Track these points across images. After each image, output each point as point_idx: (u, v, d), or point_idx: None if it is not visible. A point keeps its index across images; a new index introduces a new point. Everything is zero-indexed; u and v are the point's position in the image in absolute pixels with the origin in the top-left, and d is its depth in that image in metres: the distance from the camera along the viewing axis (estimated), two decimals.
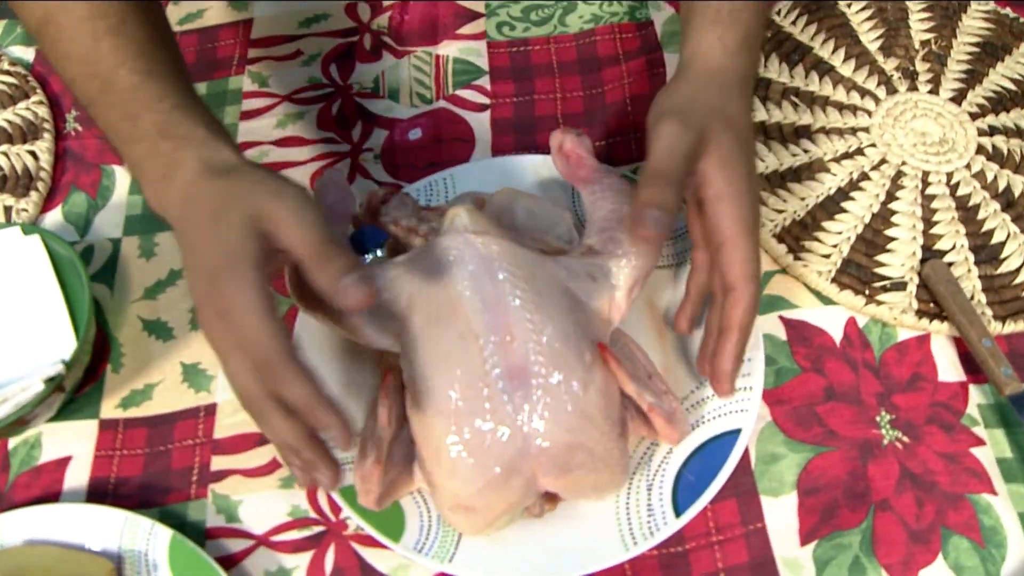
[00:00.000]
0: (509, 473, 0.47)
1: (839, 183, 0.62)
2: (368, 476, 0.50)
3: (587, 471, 0.48)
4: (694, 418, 0.54)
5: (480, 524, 0.49)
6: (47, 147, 0.69)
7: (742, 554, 0.52)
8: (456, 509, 0.49)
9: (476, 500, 0.48)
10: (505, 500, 0.48)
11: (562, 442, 0.47)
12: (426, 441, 0.48)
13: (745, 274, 0.49)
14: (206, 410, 0.59)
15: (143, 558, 0.53)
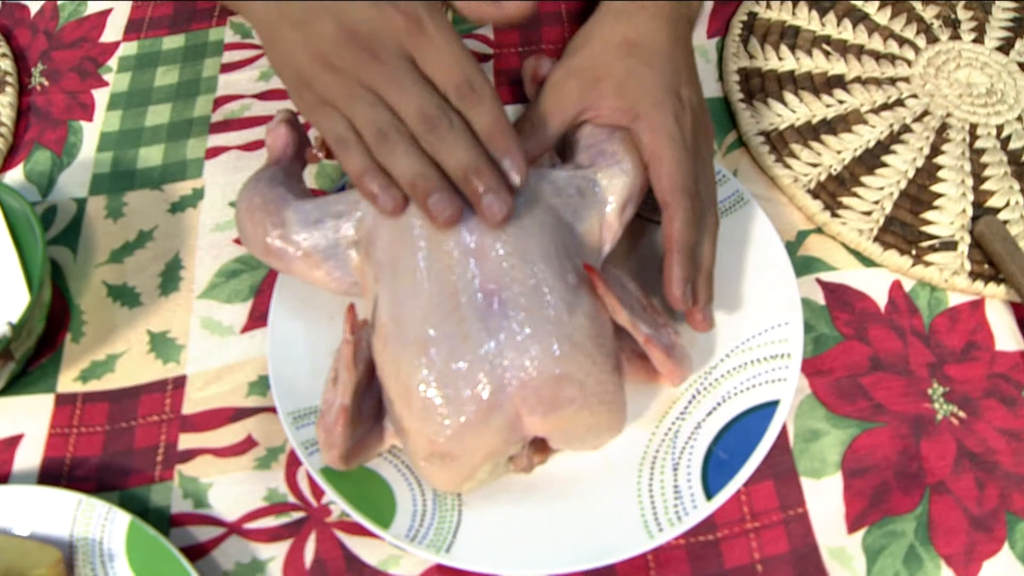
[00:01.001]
0: (488, 411, 0.40)
1: (878, 136, 0.55)
2: (331, 428, 0.42)
3: (578, 408, 0.41)
4: (725, 390, 0.47)
5: (459, 475, 0.42)
6: (9, 102, 0.62)
7: (782, 543, 0.45)
8: (431, 458, 0.41)
9: (452, 445, 0.40)
10: (485, 444, 0.41)
11: (547, 372, 0.40)
12: (394, 380, 0.41)
13: (673, 187, 0.44)
14: (174, 383, 0.52)
15: (97, 547, 0.46)
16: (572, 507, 0.45)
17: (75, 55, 0.66)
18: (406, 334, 0.41)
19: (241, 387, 0.51)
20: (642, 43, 0.47)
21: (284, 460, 0.49)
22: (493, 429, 0.40)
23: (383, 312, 0.42)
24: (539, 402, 0.40)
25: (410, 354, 0.41)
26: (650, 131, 0.45)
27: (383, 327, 0.42)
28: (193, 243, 0.56)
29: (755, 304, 0.49)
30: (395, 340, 0.41)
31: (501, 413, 0.40)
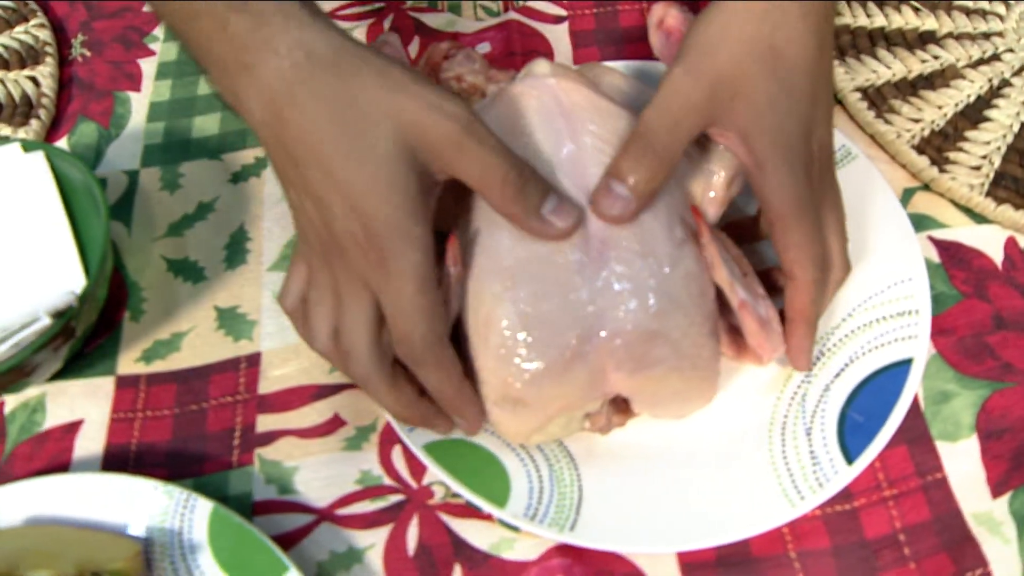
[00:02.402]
0: (572, 359, 0.35)
1: (977, 90, 0.51)
2: None
3: (668, 369, 0.36)
4: (853, 350, 0.43)
5: (529, 424, 0.37)
6: (50, 72, 0.56)
7: (923, 510, 0.40)
8: (503, 402, 0.36)
9: (528, 391, 0.35)
10: (564, 394, 0.36)
11: (641, 326, 0.35)
12: (473, 312, 0.36)
13: (801, 259, 0.37)
14: (248, 361, 0.46)
15: (176, 538, 0.40)
16: (700, 479, 0.40)
17: (117, 25, 0.60)
18: (495, 265, 0.36)
19: (323, 363, 0.45)
20: (788, 55, 0.36)
21: (376, 439, 0.43)
22: (574, 380, 0.36)
23: (477, 245, 0.37)
24: (628, 357, 0.35)
25: (496, 286, 0.35)
26: (777, 193, 0.36)
27: (475, 258, 0.37)
28: (258, 213, 0.51)
29: (875, 261, 0.45)
30: (483, 273, 0.36)
31: (585, 364, 0.35)
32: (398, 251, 0.33)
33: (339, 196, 0.33)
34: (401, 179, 0.33)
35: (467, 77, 0.43)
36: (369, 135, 0.33)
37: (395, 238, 0.33)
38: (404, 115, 0.33)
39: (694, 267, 0.37)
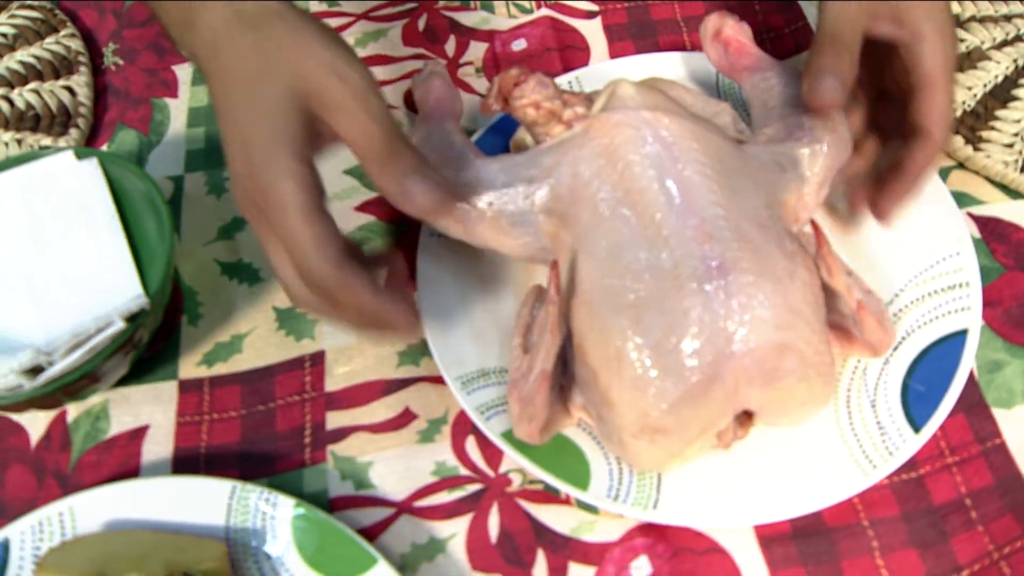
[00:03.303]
0: (710, 381, 0.35)
1: (1004, 71, 0.52)
2: (530, 397, 0.37)
3: (796, 379, 0.36)
4: (907, 324, 0.43)
5: (668, 452, 0.37)
6: (85, 81, 0.56)
7: (985, 475, 0.41)
8: (641, 434, 0.36)
9: (668, 418, 0.35)
10: (703, 418, 0.36)
11: (771, 341, 0.35)
12: (601, 348, 0.36)
13: (942, 121, 0.41)
14: (312, 359, 0.46)
15: (259, 537, 0.40)
16: (773, 453, 0.40)
17: (148, 33, 0.59)
18: (616, 300, 0.36)
19: (389, 358, 0.45)
20: None
21: (448, 431, 0.43)
22: (713, 401, 0.36)
23: (586, 277, 0.37)
24: (760, 372, 0.36)
25: (622, 321, 0.35)
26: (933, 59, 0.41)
27: (586, 292, 0.37)
28: None
29: (922, 237, 0.46)
30: (603, 306, 0.36)
31: (722, 385, 0.35)
32: (276, 185, 0.33)
33: (236, 140, 0.35)
34: (286, 124, 0.34)
35: (544, 104, 0.42)
36: (267, 84, 0.34)
37: (273, 173, 0.33)
38: (302, 70, 0.34)
39: (807, 276, 0.37)
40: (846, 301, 0.38)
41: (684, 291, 0.35)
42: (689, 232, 0.36)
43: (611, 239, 0.37)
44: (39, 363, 0.39)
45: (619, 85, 0.41)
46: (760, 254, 0.36)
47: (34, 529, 0.40)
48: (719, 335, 0.35)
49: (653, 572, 0.39)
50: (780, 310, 0.35)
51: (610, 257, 0.37)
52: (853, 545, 0.40)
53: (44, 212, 0.46)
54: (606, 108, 0.41)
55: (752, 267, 0.36)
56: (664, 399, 0.35)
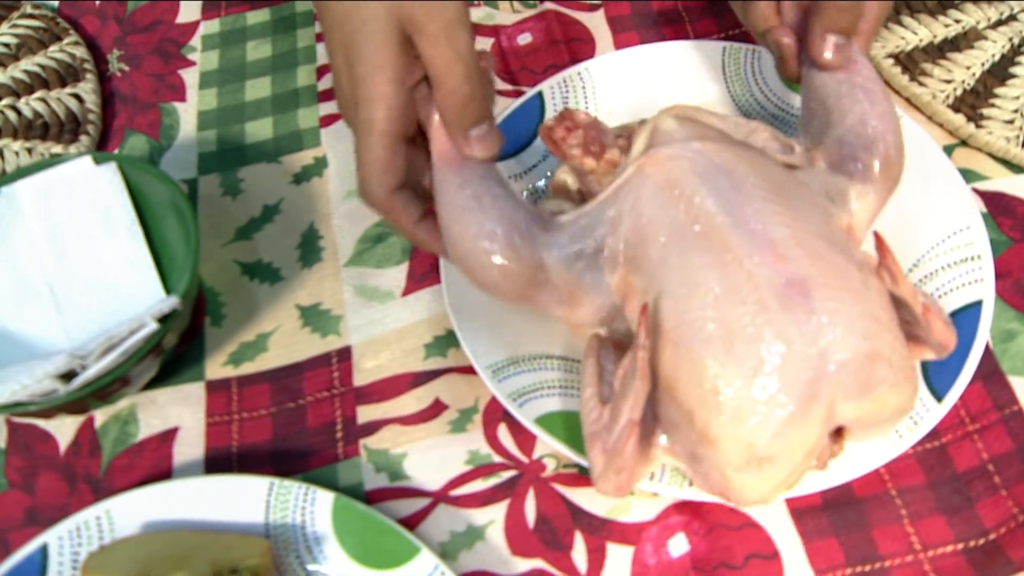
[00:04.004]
0: (810, 400, 0.34)
1: (1000, 50, 0.53)
2: (619, 448, 0.36)
3: (889, 386, 0.36)
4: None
5: (775, 481, 0.36)
6: (92, 88, 0.55)
7: (1005, 441, 0.42)
8: (747, 466, 0.35)
9: (774, 444, 0.34)
10: (806, 438, 0.35)
11: (861, 351, 0.35)
12: (696, 385, 0.35)
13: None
14: (339, 355, 0.46)
15: (299, 532, 0.40)
16: None
17: (152, 38, 0.59)
18: (702, 333, 0.35)
19: (416, 351, 0.46)
20: None
21: (479, 420, 0.44)
22: (814, 421, 0.35)
23: (667, 315, 0.36)
24: (855, 385, 0.35)
25: (713, 353, 0.35)
26: None
27: (671, 331, 0.36)
28: (326, 211, 0.51)
29: (931, 213, 0.47)
30: (691, 341, 0.35)
31: (821, 403, 0.35)
32: (367, 106, 0.35)
33: (340, 55, 0.37)
34: (385, 47, 0.35)
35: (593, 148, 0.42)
36: (370, 6, 0.35)
37: (367, 91, 0.35)
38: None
39: (878, 284, 0.37)
40: (911, 306, 0.37)
41: (769, 313, 0.35)
42: (763, 254, 0.36)
43: (685, 272, 0.36)
44: (73, 367, 0.39)
45: (660, 120, 0.41)
46: (834, 267, 0.36)
47: (72, 534, 0.40)
48: (811, 353, 0.35)
49: (690, 549, 0.40)
50: (864, 320, 0.35)
51: (688, 291, 0.36)
52: (883, 514, 0.40)
53: (64, 218, 0.45)
54: (652, 145, 0.40)
55: (830, 281, 0.35)
56: (768, 426, 0.34)
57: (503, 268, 0.37)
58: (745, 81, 0.52)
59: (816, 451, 0.37)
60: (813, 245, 0.37)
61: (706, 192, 0.37)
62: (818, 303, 0.35)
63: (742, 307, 0.35)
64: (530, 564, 0.40)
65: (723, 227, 0.37)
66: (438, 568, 0.38)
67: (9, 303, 0.44)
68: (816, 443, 0.36)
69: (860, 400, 0.36)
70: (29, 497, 0.43)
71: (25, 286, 0.45)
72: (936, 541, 0.40)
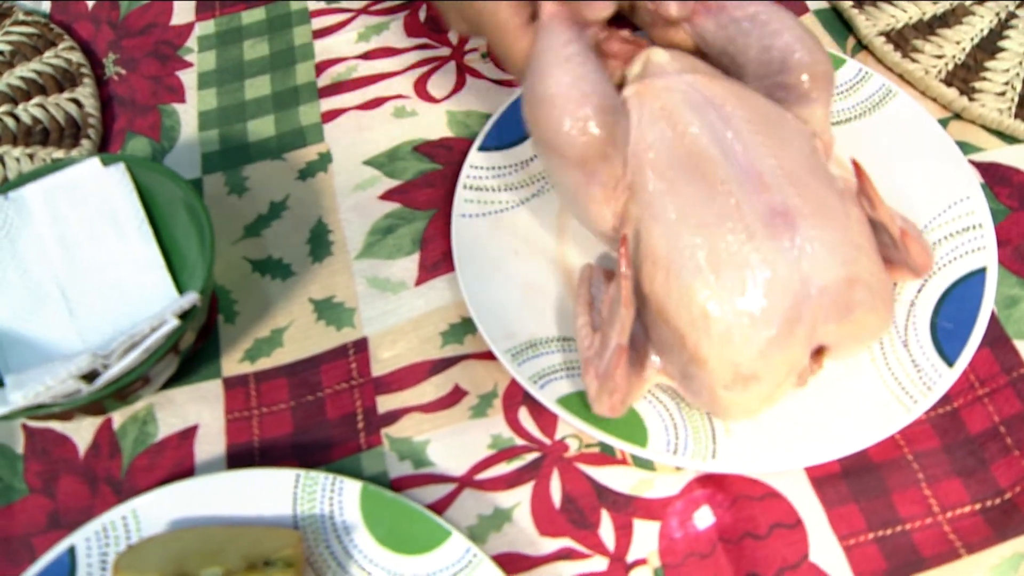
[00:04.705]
0: (792, 323, 0.36)
1: (988, 24, 0.55)
2: (609, 372, 0.38)
3: (866, 309, 0.38)
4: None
5: (761, 397, 0.38)
6: (90, 92, 0.55)
7: (1015, 403, 0.43)
8: (734, 384, 0.37)
9: (759, 364, 0.37)
10: (789, 358, 0.37)
11: (841, 277, 0.37)
12: (686, 309, 0.37)
13: None
14: (355, 346, 0.46)
15: (328, 522, 0.40)
16: (818, 399, 0.42)
17: (147, 41, 0.59)
18: (693, 260, 0.37)
19: (433, 339, 0.46)
20: None
21: (499, 404, 0.44)
22: (797, 341, 0.37)
23: (659, 244, 0.38)
24: (835, 308, 0.37)
25: (702, 279, 0.37)
26: None
27: (662, 259, 0.38)
28: (333, 205, 0.51)
29: (931, 185, 0.48)
30: (681, 268, 0.37)
31: (802, 324, 0.37)
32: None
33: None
34: None
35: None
36: None
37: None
38: None
39: (857, 210, 0.39)
40: (890, 230, 0.39)
41: (756, 241, 0.36)
42: (751, 185, 0.37)
43: (678, 201, 0.38)
44: (95, 367, 0.39)
45: (653, 53, 0.42)
46: (817, 196, 0.38)
47: (98, 535, 0.40)
48: (794, 278, 0.36)
49: (716, 521, 0.40)
50: (844, 247, 0.37)
51: (680, 219, 0.38)
52: (900, 479, 0.41)
53: (73, 220, 0.45)
54: (645, 75, 0.42)
55: (813, 210, 0.37)
56: (753, 346, 0.36)
57: (587, 123, 0.38)
58: None
59: (798, 369, 0.39)
60: (797, 175, 0.38)
61: (698, 125, 0.39)
62: (801, 230, 0.37)
63: (730, 235, 0.37)
64: (558, 543, 0.40)
65: (714, 159, 0.38)
66: (470, 551, 0.38)
67: (22, 307, 0.44)
68: (798, 361, 0.38)
69: (840, 322, 0.38)
70: (51, 501, 0.43)
71: (37, 290, 0.44)
72: (954, 503, 0.41)
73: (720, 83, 0.41)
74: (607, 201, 0.40)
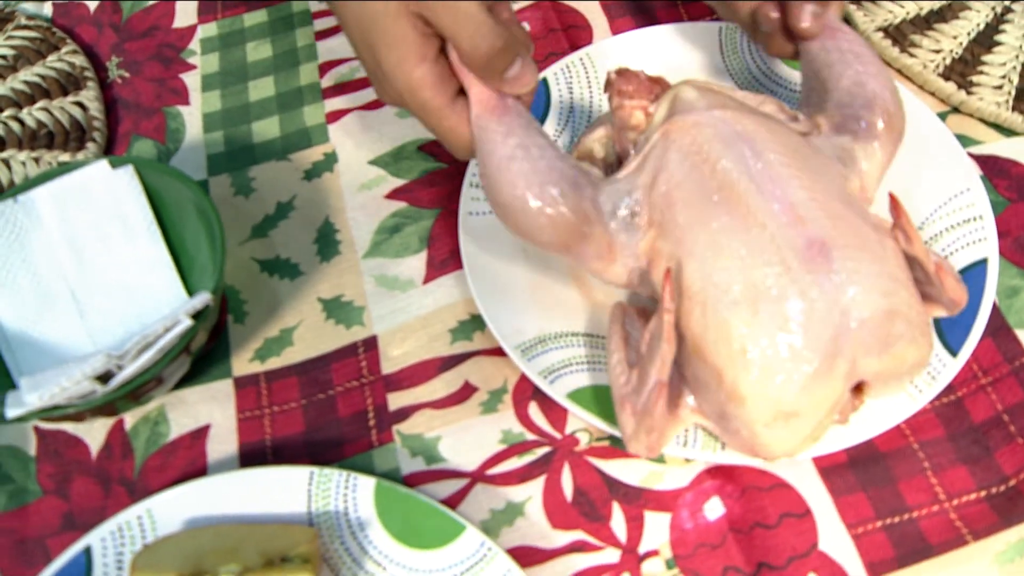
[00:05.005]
0: (833, 357, 0.36)
1: (984, 19, 0.55)
2: (649, 409, 0.37)
3: (907, 342, 0.37)
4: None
5: (802, 434, 0.37)
6: (94, 95, 0.55)
7: (1017, 392, 0.44)
8: (775, 421, 0.36)
9: (800, 400, 0.36)
10: (831, 394, 0.37)
11: (881, 309, 0.36)
12: (725, 345, 0.36)
13: None
14: (365, 344, 0.47)
15: (343, 518, 0.41)
16: None
17: (150, 44, 0.59)
18: (728, 295, 0.37)
19: (442, 336, 0.46)
20: None
21: (509, 400, 0.44)
22: (837, 376, 0.36)
23: (694, 278, 0.38)
24: (875, 341, 0.37)
25: (740, 312, 0.36)
26: None
27: (697, 294, 0.37)
28: (340, 205, 0.51)
29: (932, 178, 0.48)
30: (717, 303, 0.37)
31: (843, 359, 0.36)
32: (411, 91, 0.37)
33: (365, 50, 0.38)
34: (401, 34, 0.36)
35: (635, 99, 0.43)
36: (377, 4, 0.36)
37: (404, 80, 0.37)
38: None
39: (893, 244, 0.39)
40: (924, 265, 0.39)
41: (792, 274, 0.36)
42: (785, 217, 0.37)
43: (711, 236, 0.38)
44: (109, 368, 0.39)
45: (681, 90, 0.42)
46: (852, 228, 0.37)
47: (114, 535, 0.40)
48: (834, 311, 0.36)
49: (726, 511, 0.41)
50: (883, 279, 0.37)
51: (714, 254, 0.37)
52: (907, 467, 0.42)
53: (82, 223, 0.46)
54: (675, 112, 0.42)
55: (849, 241, 0.37)
56: (795, 383, 0.36)
57: (551, 218, 0.38)
58: (743, 59, 0.54)
59: (839, 405, 0.38)
60: (831, 207, 0.38)
61: (729, 159, 0.39)
62: (838, 263, 0.37)
63: (766, 268, 0.37)
64: (571, 536, 0.41)
65: (746, 192, 0.38)
66: (484, 544, 0.39)
67: (33, 310, 0.44)
68: (839, 397, 0.38)
69: (880, 355, 0.37)
70: (64, 502, 0.43)
71: (47, 292, 0.45)
72: (959, 490, 0.41)
73: (750, 118, 0.41)
74: (611, 263, 0.40)
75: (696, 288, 0.37)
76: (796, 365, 0.36)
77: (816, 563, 0.40)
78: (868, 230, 0.38)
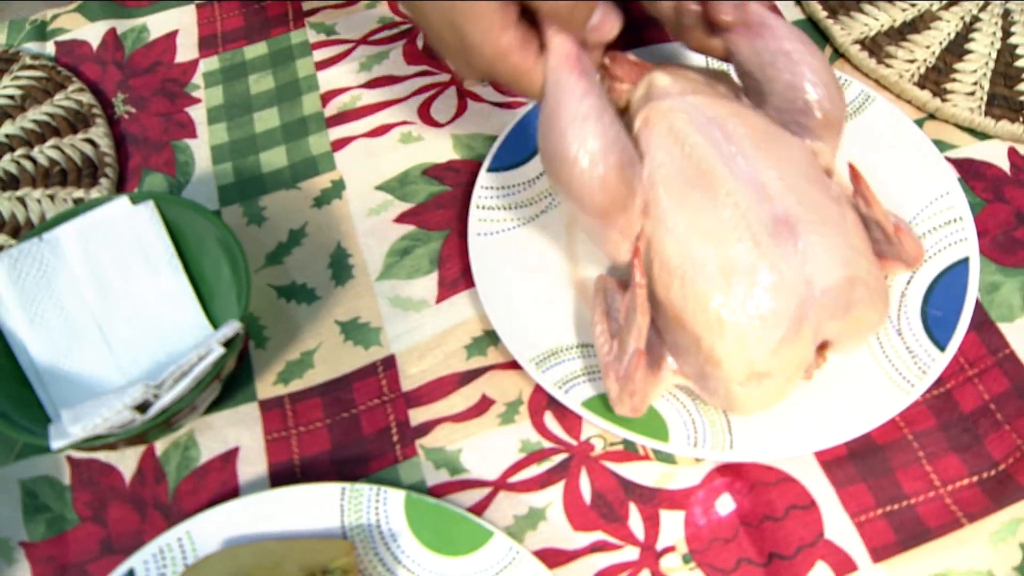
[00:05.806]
0: (799, 322, 0.40)
1: (954, 28, 0.59)
2: (630, 375, 0.42)
3: (865, 305, 0.42)
4: None
5: (774, 392, 0.42)
6: (104, 132, 0.58)
7: (1002, 382, 0.47)
8: (748, 381, 0.41)
9: (771, 361, 0.41)
10: (798, 355, 0.41)
11: (842, 277, 0.41)
12: (700, 315, 0.41)
13: None
14: (383, 364, 0.49)
15: (375, 531, 0.43)
16: (821, 387, 0.46)
17: (154, 79, 0.62)
18: (705, 269, 0.41)
19: (458, 352, 0.49)
20: None
21: (525, 411, 0.47)
22: (804, 338, 0.41)
23: (672, 255, 0.41)
24: (837, 306, 0.41)
25: (715, 284, 0.40)
26: None
27: (676, 268, 0.41)
28: (350, 230, 0.54)
29: (913, 183, 0.52)
30: (695, 276, 0.41)
31: (808, 323, 0.41)
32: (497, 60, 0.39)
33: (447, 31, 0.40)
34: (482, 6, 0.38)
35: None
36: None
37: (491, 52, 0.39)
38: None
39: (854, 214, 0.43)
40: (884, 226, 0.43)
41: (762, 248, 0.40)
42: (755, 196, 0.41)
43: (688, 214, 0.42)
44: (147, 397, 0.41)
45: (655, 77, 0.46)
46: (816, 204, 0.42)
47: (155, 557, 0.42)
48: (799, 281, 0.40)
49: (736, 507, 0.44)
50: (844, 249, 0.41)
51: (691, 231, 0.41)
52: (903, 457, 0.45)
53: (106, 259, 0.48)
54: (650, 97, 0.45)
55: (813, 217, 0.41)
56: (765, 346, 0.40)
57: (605, 181, 0.40)
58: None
59: (805, 364, 0.43)
60: (797, 185, 0.43)
61: (703, 142, 0.43)
62: (803, 237, 0.41)
63: (739, 243, 0.41)
64: (591, 537, 0.44)
65: (719, 174, 0.42)
66: (512, 548, 0.42)
67: (63, 344, 0.47)
68: (806, 356, 0.43)
69: (842, 319, 0.42)
70: (102, 529, 0.46)
71: (76, 327, 0.47)
72: (953, 476, 0.45)
73: (720, 103, 0.45)
74: (624, 240, 0.43)
75: (676, 263, 0.42)
76: (767, 331, 0.40)
77: (823, 551, 0.43)
78: (830, 204, 0.43)
